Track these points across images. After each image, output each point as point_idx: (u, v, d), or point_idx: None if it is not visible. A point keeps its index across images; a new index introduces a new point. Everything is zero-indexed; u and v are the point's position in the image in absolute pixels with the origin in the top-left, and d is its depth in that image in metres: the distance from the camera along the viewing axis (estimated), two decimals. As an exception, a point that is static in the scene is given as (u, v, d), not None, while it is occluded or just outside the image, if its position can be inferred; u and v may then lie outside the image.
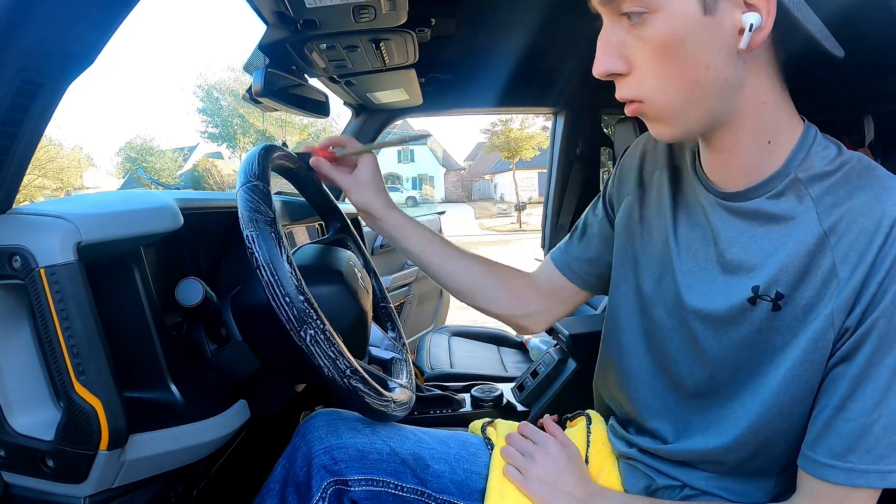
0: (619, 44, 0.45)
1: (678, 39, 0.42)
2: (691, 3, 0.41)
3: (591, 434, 0.70)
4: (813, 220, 0.46)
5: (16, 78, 0.45)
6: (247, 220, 0.53)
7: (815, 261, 0.46)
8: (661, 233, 0.59)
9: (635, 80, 0.46)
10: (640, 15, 0.43)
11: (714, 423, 0.55)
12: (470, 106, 1.83)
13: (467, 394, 1.14)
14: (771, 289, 0.48)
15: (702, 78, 0.44)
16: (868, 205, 0.44)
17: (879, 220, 0.43)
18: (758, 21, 0.41)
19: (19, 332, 0.51)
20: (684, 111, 0.46)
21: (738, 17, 0.41)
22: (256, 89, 1.04)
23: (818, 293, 0.46)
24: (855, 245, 0.44)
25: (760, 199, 0.49)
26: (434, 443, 0.68)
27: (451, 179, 35.02)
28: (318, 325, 0.52)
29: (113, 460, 0.50)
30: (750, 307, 0.49)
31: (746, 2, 0.41)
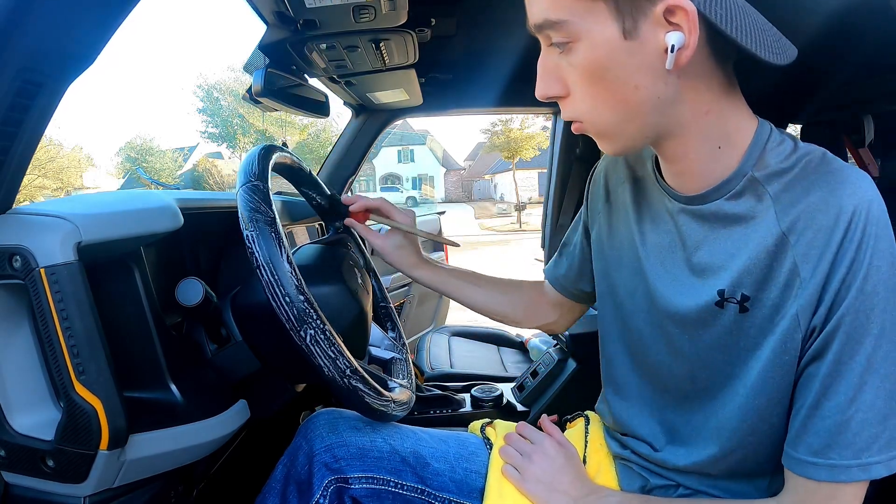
0: (554, 69, 0.47)
1: (602, 65, 0.43)
2: (611, 29, 0.42)
3: (588, 434, 0.70)
4: (772, 219, 0.46)
5: (16, 78, 0.45)
6: (247, 220, 0.53)
7: (776, 261, 0.46)
8: (629, 244, 0.60)
9: (572, 102, 0.47)
10: (566, 44, 0.44)
11: (698, 430, 0.56)
12: (470, 106, 1.83)
13: (467, 394, 1.14)
14: (736, 291, 0.48)
15: (632, 98, 0.44)
16: (825, 201, 0.44)
17: (837, 217, 0.43)
18: (680, 40, 0.40)
19: (19, 332, 0.51)
20: (621, 128, 0.47)
21: (660, 38, 0.41)
22: (256, 89, 1.04)
23: (782, 294, 0.46)
24: (814, 243, 0.44)
25: (720, 201, 0.49)
26: (434, 441, 0.69)
27: (451, 179, 35.03)
28: (318, 325, 0.52)
29: (113, 460, 0.50)
30: (718, 310, 0.49)
31: (668, 21, 0.40)
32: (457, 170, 35.46)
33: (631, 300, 0.61)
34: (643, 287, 0.58)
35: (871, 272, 0.42)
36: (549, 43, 0.46)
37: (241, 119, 23.30)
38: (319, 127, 22.49)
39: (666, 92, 0.44)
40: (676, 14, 0.40)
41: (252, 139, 23.22)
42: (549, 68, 0.47)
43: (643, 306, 0.58)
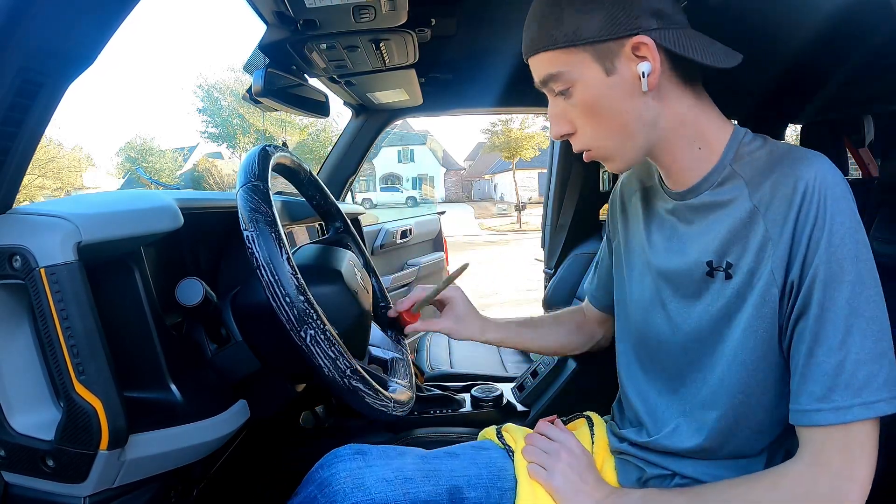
0: (562, 113, 0.58)
1: (596, 100, 0.55)
2: (596, 71, 0.54)
3: (594, 435, 0.71)
4: (745, 198, 0.54)
5: (16, 78, 0.45)
6: (247, 220, 0.53)
7: (750, 230, 0.53)
8: (640, 247, 0.67)
9: (580, 136, 0.58)
10: (567, 90, 0.56)
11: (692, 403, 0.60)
12: (470, 106, 1.83)
13: (467, 394, 1.14)
14: (721, 260, 0.56)
15: (624, 121, 0.55)
16: (785, 174, 0.51)
17: (795, 184, 0.50)
18: (648, 68, 0.52)
19: (19, 332, 0.51)
20: (622, 149, 0.58)
21: (633, 69, 0.53)
22: (256, 89, 1.05)
23: (757, 256, 0.53)
24: (779, 210, 0.51)
25: (707, 192, 0.57)
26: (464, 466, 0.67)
27: (451, 179, 35.03)
28: (318, 326, 0.52)
29: (113, 460, 0.50)
30: (709, 279, 0.57)
31: (637, 55, 0.52)
32: (457, 170, 35.46)
33: (641, 295, 0.66)
34: (650, 278, 0.64)
35: (836, 227, 0.48)
36: (554, 93, 0.57)
37: (241, 119, 23.29)
38: (319, 127, 22.47)
39: (648, 111, 0.55)
40: (641, 49, 0.52)
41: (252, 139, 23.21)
42: (558, 114, 0.59)
43: (651, 294, 0.64)
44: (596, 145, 0.58)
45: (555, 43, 0.54)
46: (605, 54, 0.53)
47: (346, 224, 0.90)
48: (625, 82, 0.53)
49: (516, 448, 0.69)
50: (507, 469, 0.68)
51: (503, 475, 0.67)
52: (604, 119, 0.56)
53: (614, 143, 0.57)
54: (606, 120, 0.56)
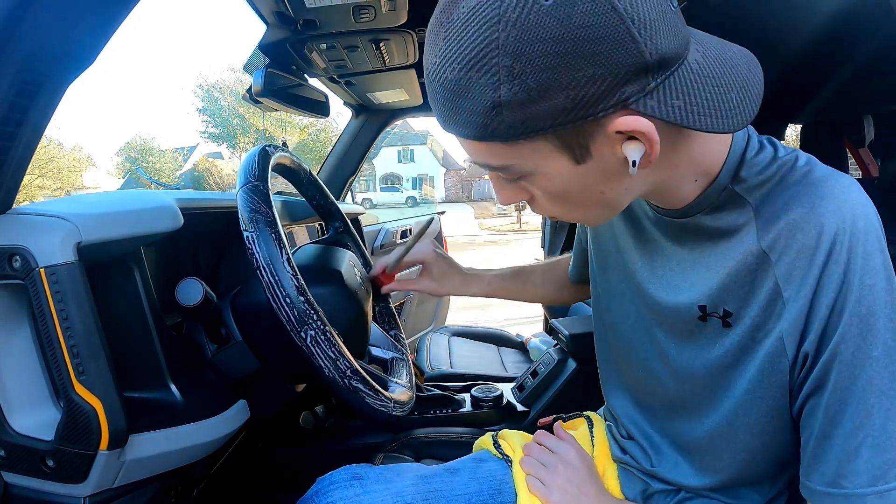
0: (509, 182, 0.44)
1: (562, 190, 0.42)
2: (560, 160, 0.39)
3: (594, 437, 0.70)
4: (752, 235, 0.44)
5: (16, 78, 0.45)
6: (247, 220, 0.53)
7: (757, 280, 0.44)
8: (614, 246, 0.61)
9: (542, 207, 0.46)
10: (520, 178, 0.42)
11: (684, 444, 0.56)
12: (470, 106, 1.83)
13: (467, 394, 1.14)
14: (718, 307, 0.47)
15: (602, 199, 0.43)
16: (805, 218, 0.42)
17: (818, 236, 0.41)
18: (640, 154, 0.37)
19: (19, 332, 0.51)
20: (600, 217, 0.48)
21: (617, 150, 0.38)
22: (256, 89, 1.05)
23: (764, 312, 0.44)
24: (796, 264, 0.42)
25: (700, 215, 0.48)
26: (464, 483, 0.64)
27: (451, 179, 35.01)
28: (318, 326, 0.52)
29: (113, 460, 0.50)
30: (702, 324, 0.49)
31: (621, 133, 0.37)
32: (457, 170, 35.44)
33: (620, 304, 0.61)
34: (632, 290, 0.58)
35: (865, 293, 0.40)
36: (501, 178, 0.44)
37: (241, 119, 23.30)
38: (319, 127, 22.48)
39: (633, 184, 0.43)
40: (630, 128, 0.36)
41: (252, 139, 23.22)
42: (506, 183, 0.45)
43: (632, 310, 0.59)
44: (567, 218, 0.48)
45: (493, 137, 0.37)
46: (573, 139, 0.37)
47: (346, 224, 0.90)
48: (603, 167, 0.40)
49: (514, 457, 0.67)
50: (507, 482, 0.65)
51: (503, 489, 0.65)
52: (573, 203, 0.44)
53: (591, 216, 0.47)
54: (576, 203, 0.44)
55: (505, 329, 2.02)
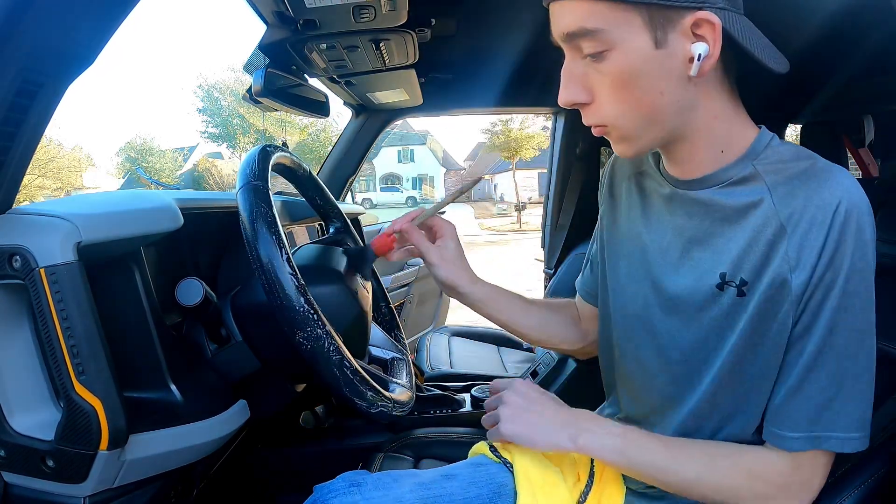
0: (580, 76, 0.49)
1: (634, 72, 0.47)
2: (643, 38, 0.45)
3: None
4: (771, 209, 0.49)
5: (16, 78, 0.45)
6: (247, 220, 0.53)
7: (773, 250, 0.49)
8: (632, 235, 0.62)
9: (598, 108, 0.50)
10: (601, 53, 0.47)
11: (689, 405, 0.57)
12: (470, 106, 1.83)
13: (467, 394, 1.14)
14: (736, 275, 0.51)
15: (657, 103, 0.48)
16: (820, 196, 0.47)
17: (832, 213, 0.46)
18: (705, 51, 0.45)
19: (19, 332, 0.51)
20: (644, 132, 0.51)
21: (687, 48, 0.45)
22: (256, 89, 1.05)
23: (776, 281, 0.48)
24: (808, 234, 0.47)
25: (718, 188, 0.52)
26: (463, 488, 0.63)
27: (451, 179, 35.02)
28: (318, 326, 0.52)
29: (113, 460, 0.50)
30: (718, 293, 0.52)
31: (695, 33, 0.45)
32: (457, 170, 35.45)
33: (630, 286, 0.62)
34: (644, 273, 0.60)
35: (854, 273, 0.46)
36: (581, 53, 0.48)
37: (241, 119, 23.28)
38: (319, 127, 22.46)
39: (686, 98, 0.48)
40: (702, 27, 0.44)
41: (252, 139, 23.20)
42: (576, 76, 0.50)
43: (642, 292, 0.60)
44: (617, 123, 0.50)
45: None
46: (661, 22, 0.44)
47: (346, 224, 0.90)
48: (672, 60, 0.46)
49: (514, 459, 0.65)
50: (506, 485, 0.64)
51: (503, 491, 0.64)
52: (635, 95, 0.48)
53: (637, 125, 0.50)
54: (638, 97, 0.48)
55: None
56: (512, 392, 0.62)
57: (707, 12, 0.44)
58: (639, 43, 0.45)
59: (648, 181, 0.61)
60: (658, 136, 0.51)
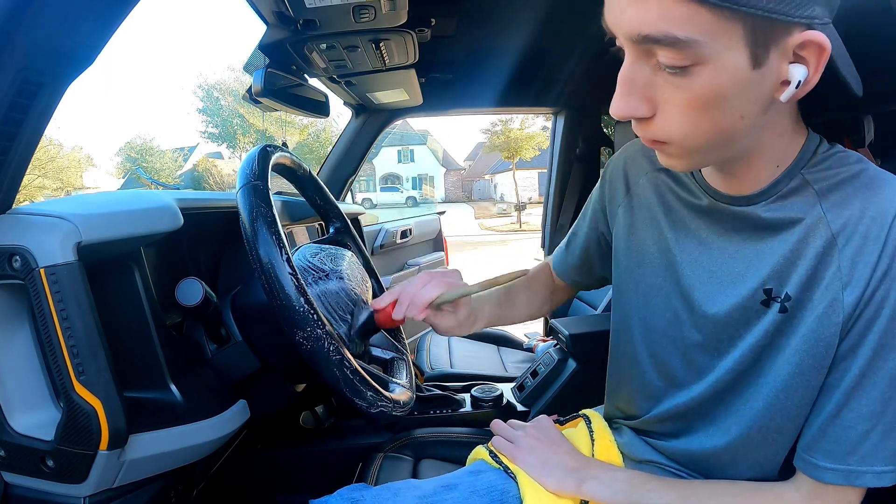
0: (644, 85, 0.42)
1: (722, 94, 0.39)
2: (741, 56, 0.38)
3: (593, 433, 0.69)
4: (821, 220, 0.45)
5: (16, 78, 0.45)
6: (247, 220, 0.53)
7: (823, 264, 0.45)
8: (655, 239, 0.59)
9: (661, 125, 0.43)
10: (685, 68, 0.39)
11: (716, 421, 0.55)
12: (470, 106, 1.83)
13: (467, 394, 1.14)
14: (781, 290, 0.47)
15: (735, 127, 0.42)
16: (873, 205, 0.44)
17: (881, 220, 0.43)
18: (804, 76, 0.39)
19: (19, 332, 0.51)
20: (710, 153, 0.45)
21: (784, 69, 0.39)
22: (256, 89, 1.05)
23: (825, 297, 0.45)
24: (862, 250, 0.43)
25: (765, 203, 0.48)
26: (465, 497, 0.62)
27: (451, 179, 35.01)
28: (317, 326, 0.52)
29: (113, 460, 0.50)
30: (762, 309, 0.49)
31: (796, 52, 0.39)
32: (457, 170, 35.45)
33: (655, 299, 0.59)
34: (672, 286, 0.57)
35: None
36: (651, 59, 0.40)
37: (241, 119, 23.26)
38: (319, 127, 22.46)
39: (761, 122, 0.43)
40: (808, 48, 0.38)
41: (252, 139, 23.19)
42: (638, 84, 0.41)
43: (672, 306, 0.57)
44: (682, 142, 0.43)
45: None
46: (762, 37, 0.37)
47: (346, 224, 0.90)
48: (765, 82, 0.40)
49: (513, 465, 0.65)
50: (508, 491, 0.63)
51: (505, 498, 0.63)
52: (713, 117, 0.41)
53: (705, 146, 0.43)
54: (715, 119, 0.41)
55: (505, 329, 2.02)
56: (536, 426, 0.65)
57: (817, 32, 0.38)
58: (735, 61, 0.38)
59: (673, 185, 0.57)
60: (718, 159, 0.47)
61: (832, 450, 0.45)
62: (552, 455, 0.61)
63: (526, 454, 0.62)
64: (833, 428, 0.45)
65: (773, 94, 0.41)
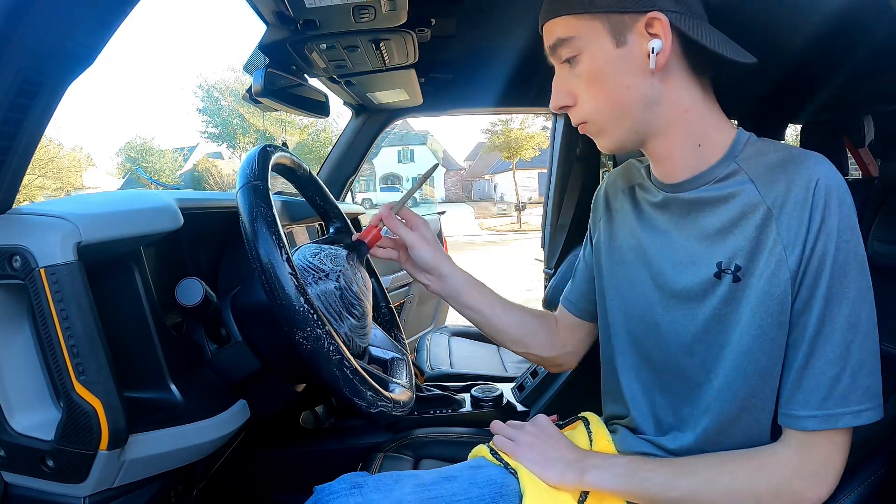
0: (564, 83, 0.58)
1: (601, 70, 0.55)
2: (606, 41, 0.54)
3: (591, 433, 0.70)
4: (756, 197, 0.53)
5: (16, 78, 0.45)
6: (247, 220, 0.53)
7: (763, 233, 0.52)
8: (631, 241, 0.65)
9: (579, 108, 0.58)
10: (574, 58, 0.56)
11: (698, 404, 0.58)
12: (470, 106, 1.83)
13: (467, 394, 1.14)
14: (731, 262, 0.54)
15: (625, 97, 0.55)
16: (799, 174, 0.51)
17: (807, 186, 0.50)
18: (659, 45, 0.52)
19: (19, 332, 0.51)
20: (617, 124, 0.57)
21: (644, 45, 0.53)
22: (256, 89, 1.05)
23: (771, 261, 0.51)
24: (794, 214, 0.50)
25: (706, 187, 0.56)
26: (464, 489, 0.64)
27: (451, 179, 35.03)
28: (317, 326, 0.52)
29: (113, 460, 0.50)
30: (716, 281, 0.55)
31: (649, 32, 0.52)
32: (457, 170, 35.46)
33: (632, 289, 0.64)
34: (645, 275, 0.63)
35: (842, 241, 0.49)
36: (561, 61, 0.58)
37: (241, 119, 23.25)
38: (319, 127, 22.44)
39: (651, 91, 0.54)
40: (654, 26, 0.52)
41: (252, 139, 23.18)
42: (561, 84, 0.59)
43: (645, 291, 0.63)
44: (593, 118, 0.58)
45: (570, 9, 0.55)
46: (619, 26, 0.53)
47: (346, 224, 0.90)
48: (633, 57, 0.53)
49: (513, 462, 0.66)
50: (508, 485, 0.64)
51: (505, 491, 0.64)
52: (605, 90, 0.55)
53: (611, 117, 0.57)
54: (607, 92, 0.55)
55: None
56: (535, 424, 0.68)
57: (655, 12, 0.51)
58: (603, 45, 0.54)
59: (641, 192, 0.66)
60: (632, 128, 0.57)
61: (808, 399, 0.50)
62: (552, 451, 0.64)
63: (527, 451, 0.64)
64: (805, 378, 0.50)
65: (647, 67, 0.53)
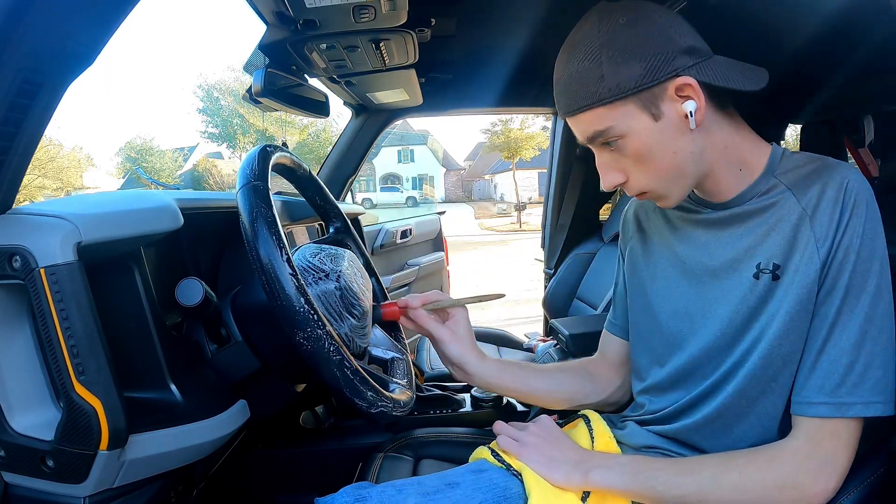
0: (611, 163, 0.59)
1: (647, 147, 0.56)
2: (644, 118, 0.55)
3: (593, 431, 0.70)
4: (792, 202, 0.56)
5: (16, 78, 0.45)
6: (247, 220, 0.53)
7: (799, 232, 0.55)
8: (667, 256, 0.68)
9: (634, 182, 0.59)
10: (615, 141, 0.56)
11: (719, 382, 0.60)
12: (470, 106, 1.83)
13: (467, 394, 1.14)
14: (769, 262, 0.57)
15: (676, 161, 0.57)
16: (831, 178, 0.54)
17: (843, 189, 0.53)
18: (694, 106, 0.53)
19: (19, 332, 0.51)
20: (675, 187, 0.59)
21: (679, 108, 0.54)
22: (256, 89, 1.05)
23: (805, 256, 0.54)
24: (826, 211, 0.54)
25: (751, 202, 0.59)
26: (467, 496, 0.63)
27: (451, 179, 35.02)
28: (317, 326, 0.52)
29: (113, 460, 0.50)
30: (755, 282, 0.57)
31: (679, 95, 0.54)
32: (457, 170, 35.46)
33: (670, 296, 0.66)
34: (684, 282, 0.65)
35: (867, 239, 0.52)
36: (600, 145, 0.58)
37: (241, 119, 23.24)
38: (319, 127, 22.44)
39: (695, 146, 0.56)
40: (684, 89, 0.54)
41: (252, 139, 23.17)
42: (608, 164, 0.60)
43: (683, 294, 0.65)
44: (651, 188, 0.59)
45: (600, 100, 0.54)
46: (650, 100, 0.54)
47: (346, 224, 0.90)
48: (672, 124, 0.55)
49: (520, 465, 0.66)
50: (510, 488, 0.64)
51: (508, 494, 0.63)
52: (656, 163, 0.57)
53: (669, 182, 0.58)
54: (658, 163, 0.57)
55: (505, 329, 2.02)
56: (538, 424, 0.68)
57: (682, 77, 0.53)
58: (642, 124, 0.55)
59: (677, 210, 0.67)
60: (688, 185, 0.59)
61: (822, 384, 0.52)
62: (557, 451, 0.64)
63: (531, 452, 0.64)
64: (820, 364, 0.53)
65: (687, 127, 0.55)
